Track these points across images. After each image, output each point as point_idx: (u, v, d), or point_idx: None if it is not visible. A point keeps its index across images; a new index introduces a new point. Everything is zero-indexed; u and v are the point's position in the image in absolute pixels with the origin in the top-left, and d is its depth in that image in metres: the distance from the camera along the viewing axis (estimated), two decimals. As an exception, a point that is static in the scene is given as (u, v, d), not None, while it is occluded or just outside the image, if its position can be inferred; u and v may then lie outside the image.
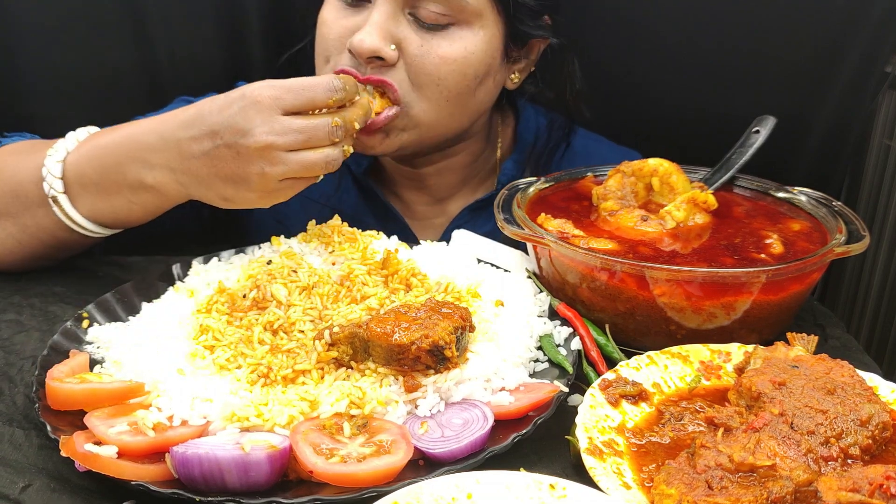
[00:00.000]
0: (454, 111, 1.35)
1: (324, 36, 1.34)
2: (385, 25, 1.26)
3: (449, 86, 1.31)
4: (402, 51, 1.28)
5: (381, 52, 1.26)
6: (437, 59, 1.28)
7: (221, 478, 0.82)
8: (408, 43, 1.28)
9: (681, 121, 1.74)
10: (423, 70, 1.29)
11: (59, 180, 1.17)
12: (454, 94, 1.33)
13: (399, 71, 1.29)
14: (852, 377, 0.92)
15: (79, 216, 1.19)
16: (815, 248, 1.16)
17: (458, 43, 1.29)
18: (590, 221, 1.28)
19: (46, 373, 0.96)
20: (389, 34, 1.27)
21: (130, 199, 1.16)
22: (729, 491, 0.77)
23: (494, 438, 0.90)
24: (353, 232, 1.21)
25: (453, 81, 1.31)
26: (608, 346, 1.11)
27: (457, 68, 1.30)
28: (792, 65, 1.67)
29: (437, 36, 1.29)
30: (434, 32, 1.28)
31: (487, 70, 1.35)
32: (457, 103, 1.34)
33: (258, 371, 0.96)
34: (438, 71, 1.29)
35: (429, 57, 1.28)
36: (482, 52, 1.32)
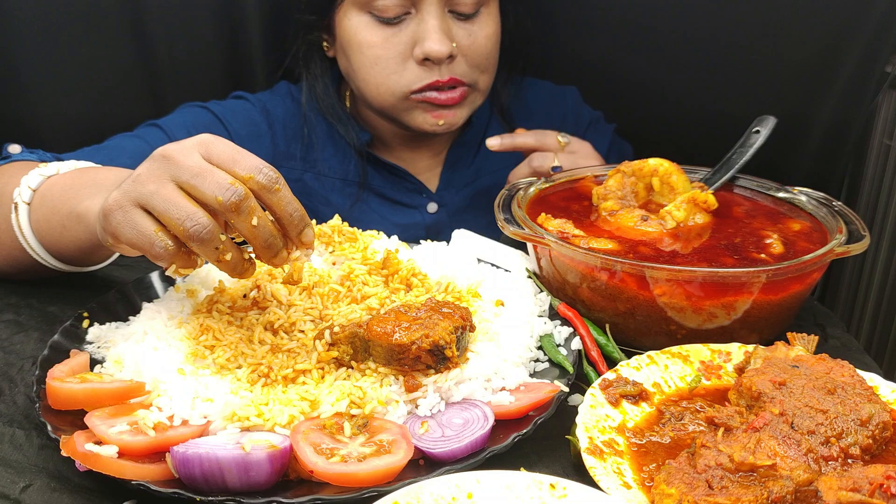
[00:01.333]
0: (496, 71, 1.63)
1: (380, 56, 1.50)
2: (443, 28, 1.47)
3: (495, 55, 1.59)
4: (457, 45, 1.50)
5: (453, 52, 1.48)
6: (483, 41, 1.53)
7: (222, 477, 0.82)
8: (459, 37, 1.51)
9: (681, 121, 1.75)
10: (478, 53, 1.53)
11: (30, 191, 1.16)
12: (497, 60, 1.60)
13: (459, 62, 1.52)
14: (852, 377, 0.92)
15: (27, 226, 1.17)
16: (815, 248, 1.16)
17: (489, 20, 1.54)
18: (590, 221, 1.28)
19: (47, 372, 0.96)
20: (448, 34, 1.48)
21: (64, 223, 1.12)
22: (729, 491, 0.77)
23: (495, 438, 0.90)
24: (354, 232, 1.21)
25: (495, 51, 1.58)
26: (608, 346, 1.11)
27: (495, 40, 1.57)
28: (792, 65, 1.67)
29: (475, 23, 1.52)
30: (472, 20, 1.52)
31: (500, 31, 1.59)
32: (496, 66, 1.61)
33: (258, 371, 0.96)
34: (487, 49, 1.55)
35: (478, 42, 1.52)
36: (498, 19, 1.57)
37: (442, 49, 1.45)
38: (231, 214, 0.91)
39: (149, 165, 0.93)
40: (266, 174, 0.92)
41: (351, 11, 1.50)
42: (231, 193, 0.90)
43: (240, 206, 0.90)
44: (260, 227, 0.93)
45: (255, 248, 0.96)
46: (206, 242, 0.90)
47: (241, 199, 0.90)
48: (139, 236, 0.92)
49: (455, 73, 1.51)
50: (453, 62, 1.50)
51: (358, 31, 1.50)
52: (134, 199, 0.92)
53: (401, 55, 1.49)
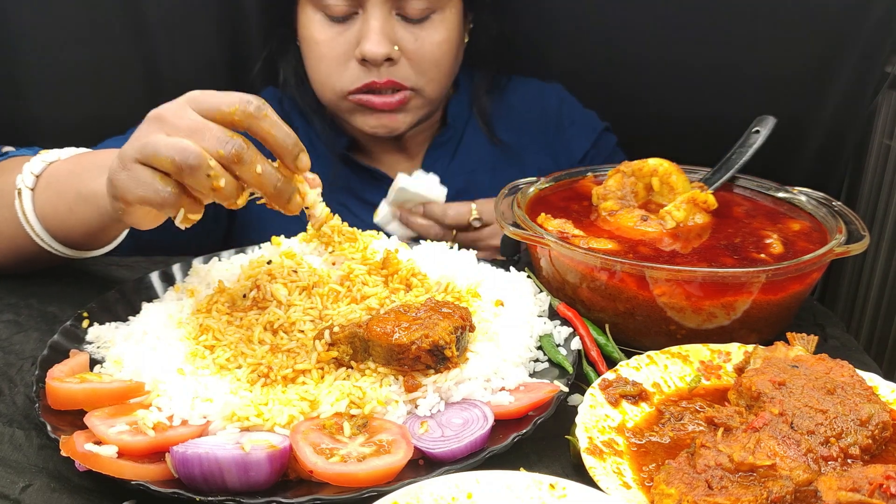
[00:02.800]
0: (451, 79, 1.61)
1: (324, 55, 1.50)
2: (385, 30, 1.45)
3: (447, 62, 1.55)
4: (401, 48, 1.48)
5: (391, 54, 1.46)
6: (431, 46, 1.50)
7: (221, 477, 0.82)
8: (405, 41, 1.48)
9: (681, 121, 1.75)
10: (424, 58, 1.50)
11: (33, 176, 1.17)
12: (450, 68, 1.57)
13: (403, 66, 1.49)
14: (852, 377, 0.92)
15: (31, 212, 1.17)
16: (815, 248, 1.16)
17: (441, 26, 1.50)
18: (590, 221, 1.28)
19: (46, 373, 0.96)
20: (390, 36, 1.45)
21: (71, 206, 1.14)
22: (729, 491, 0.77)
23: (494, 438, 0.90)
24: (353, 232, 1.20)
25: (448, 58, 1.55)
26: (608, 346, 1.11)
27: (447, 47, 1.53)
28: (792, 65, 1.67)
29: (424, 28, 1.49)
30: (421, 24, 1.49)
31: (460, 38, 1.58)
32: (449, 74, 1.59)
33: (258, 371, 0.96)
34: (435, 56, 1.51)
35: (425, 47, 1.49)
36: (456, 26, 1.54)
37: (377, 50, 1.43)
38: (235, 166, 0.93)
39: (145, 127, 0.96)
40: (252, 103, 0.94)
41: (307, 7, 1.50)
42: (231, 145, 0.92)
43: (241, 155, 0.93)
44: (266, 174, 0.95)
45: (266, 197, 0.98)
46: (195, 169, 0.91)
47: (241, 149, 0.93)
48: (142, 187, 0.94)
49: (395, 77, 1.49)
50: (395, 65, 1.48)
51: (309, 28, 1.50)
52: (132, 157, 0.94)
53: (344, 55, 1.48)
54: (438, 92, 1.57)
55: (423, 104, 1.56)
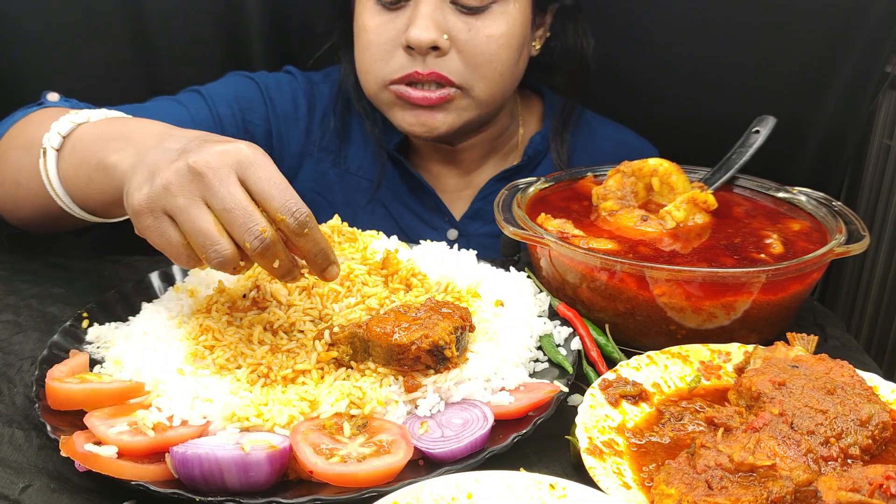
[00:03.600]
0: (506, 83, 1.46)
1: (371, 42, 1.42)
2: (434, 16, 1.35)
3: (502, 61, 1.41)
4: (452, 38, 1.37)
5: (438, 42, 1.35)
6: (485, 39, 1.38)
7: (221, 478, 0.82)
8: (456, 30, 1.37)
9: (681, 121, 1.75)
10: (476, 51, 1.38)
11: (60, 137, 1.13)
12: (506, 68, 1.43)
13: (452, 58, 1.39)
14: (852, 377, 0.92)
15: (54, 174, 1.13)
16: (815, 248, 1.16)
17: (501, 19, 1.39)
18: (590, 221, 1.28)
19: (46, 373, 0.96)
20: (440, 24, 1.36)
21: (90, 174, 1.09)
22: (729, 491, 0.77)
23: (494, 438, 0.90)
24: (353, 232, 1.20)
25: (504, 56, 1.41)
26: (608, 346, 1.11)
27: (504, 42, 1.40)
28: (792, 65, 1.67)
29: (480, 17, 1.38)
30: (477, 15, 1.38)
31: (524, 39, 1.45)
32: (509, 76, 1.45)
33: (258, 371, 0.96)
34: (489, 49, 1.39)
35: (478, 38, 1.38)
36: (520, 23, 1.42)
37: (423, 35, 1.33)
38: (255, 257, 0.92)
39: (182, 176, 0.90)
40: (297, 219, 0.91)
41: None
42: (259, 244, 0.90)
43: (265, 253, 0.91)
44: (280, 267, 0.94)
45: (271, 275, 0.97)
46: (223, 266, 0.91)
47: (266, 247, 0.91)
48: (166, 245, 0.93)
49: (441, 69, 1.38)
50: (443, 56, 1.37)
51: (361, 15, 1.43)
52: (163, 208, 0.92)
53: (391, 42, 1.39)
54: (490, 94, 1.43)
55: (469, 106, 1.43)
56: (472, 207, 1.61)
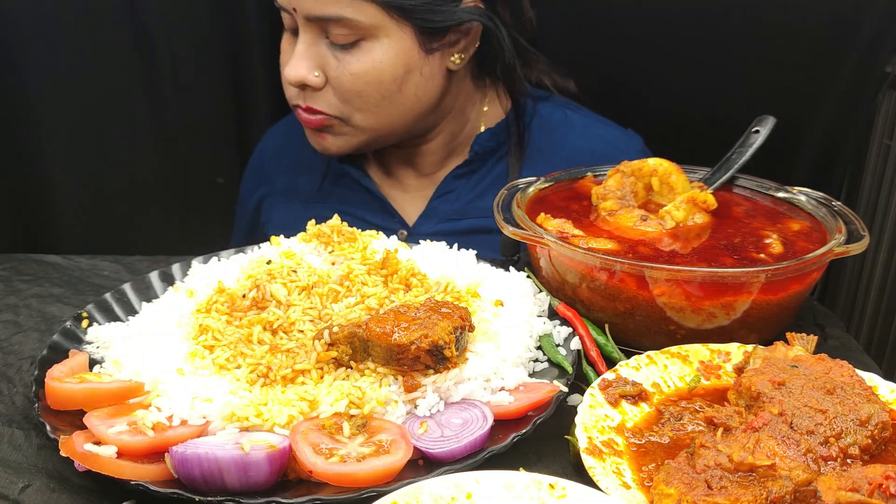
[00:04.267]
0: (390, 111, 1.44)
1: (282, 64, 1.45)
2: (307, 54, 1.38)
3: (370, 95, 1.41)
4: (325, 73, 1.40)
5: (307, 80, 1.39)
6: (350, 77, 1.39)
7: (221, 478, 0.82)
8: (329, 67, 1.39)
9: (681, 121, 1.75)
10: (343, 87, 1.40)
11: None
12: (379, 100, 1.42)
13: (327, 93, 1.41)
14: (852, 377, 0.92)
15: None
16: (814, 248, 1.16)
17: (367, 56, 1.38)
18: (589, 221, 1.28)
19: (46, 373, 0.96)
20: (313, 61, 1.39)
21: None
22: (728, 491, 0.77)
23: (494, 438, 0.90)
24: (353, 232, 1.21)
25: (372, 91, 1.40)
26: (608, 346, 1.11)
27: (370, 79, 1.39)
28: (792, 65, 1.67)
29: (349, 53, 1.38)
30: (347, 50, 1.38)
31: (406, 69, 1.41)
32: (388, 105, 1.43)
33: (258, 371, 0.96)
34: (354, 86, 1.39)
35: (344, 76, 1.39)
36: (392, 57, 1.39)
37: (290, 73, 1.38)
38: None
39: None
40: None
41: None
42: None
43: None
44: None
45: None
46: None
47: None
48: None
49: (315, 104, 1.41)
50: (319, 92, 1.41)
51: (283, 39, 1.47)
52: None
53: None
54: (372, 122, 1.44)
55: (353, 132, 1.45)
56: (429, 206, 1.62)
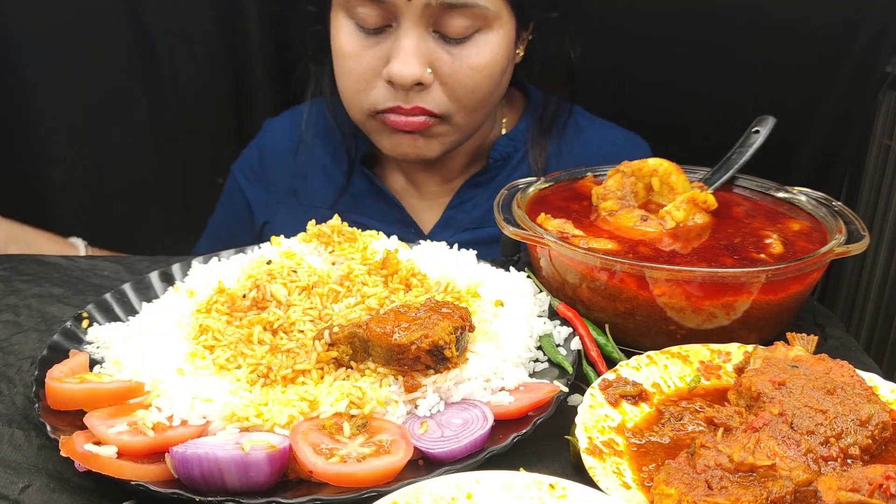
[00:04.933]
0: (486, 108, 1.44)
1: (352, 70, 1.37)
2: (418, 50, 1.30)
3: (483, 90, 1.38)
4: (435, 71, 1.33)
5: (422, 78, 1.31)
6: (469, 71, 1.34)
7: (221, 478, 0.82)
8: (440, 62, 1.33)
9: (681, 121, 1.75)
10: (459, 84, 1.35)
11: None
12: (488, 95, 1.40)
13: (435, 91, 1.35)
14: (852, 377, 0.92)
15: None
16: (814, 248, 1.16)
17: (485, 48, 1.34)
18: (590, 221, 1.28)
19: (46, 373, 0.96)
20: (424, 58, 1.31)
21: None
22: (728, 491, 0.77)
23: (494, 438, 0.90)
24: (353, 232, 1.21)
25: (486, 85, 1.37)
26: (608, 346, 1.11)
27: (488, 73, 1.36)
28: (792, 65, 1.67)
29: (464, 47, 1.33)
30: (461, 45, 1.33)
31: (508, 61, 1.41)
32: (489, 101, 1.42)
33: (258, 371, 0.96)
34: (472, 81, 1.35)
35: (461, 71, 1.33)
36: (504, 48, 1.38)
37: (405, 72, 1.29)
38: None
39: None
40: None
41: (339, 13, 1.37)
42: None
43: None
44: None
45: None
46: None
47: None
48: None
49: (425, 104, 1.34)
50: (427, 90, 1.34)
51: (339, 36, 1.37)
52: None
53: (372, 71, 1.35)
54: (469, 121, 1.41)
55: (449, 131, 1.41)
56: (444, 215, 1.58)
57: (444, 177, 1.60)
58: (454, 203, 1.58)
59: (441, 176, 1.60)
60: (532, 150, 1.57)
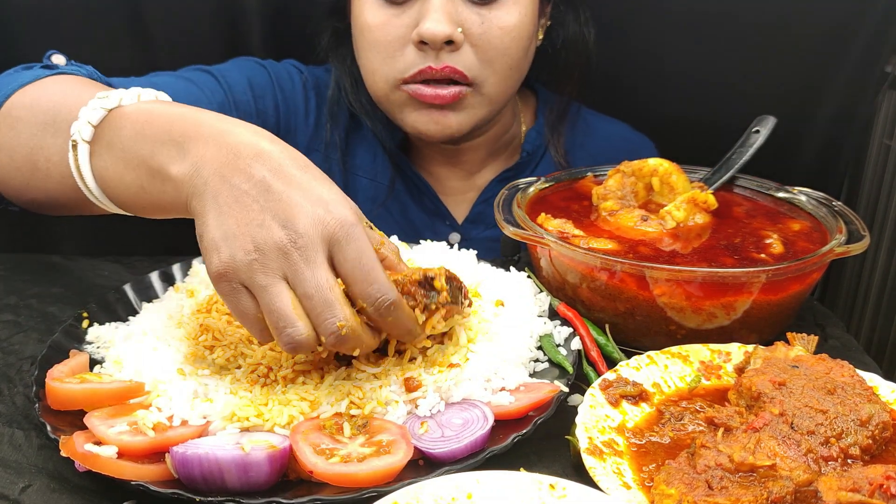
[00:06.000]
0: (515, 77, 1.42)
1: (377, 40, 1.36)
2: (447, 8, 1.30)
3: (513, 54, 1.37)
4: (465, 32, 1.33)
5: (453, 35, 1.30)
6: (499, 32, 1.33)
7: (221, 478, 0.82)
8: (469, 23, 1.32)
9: (681, 121, 1.75)
10: (490, 45, 1.34)
11: (91, 127, 0.97)
12: (517, 61, 1.39)
13: (466, 52, 1.34)
14: (852, 377, 0.92)
15: (88, 171, 0.98)
16: (815, 248, 1.16)
17: (514, 9, 1.35)
18: (590, 221, 1.28)
19: (46, 373, 0.96)
20: (453, 17, 1.31)
21: (144, 183, 0.94)
22: (729, 491, 0.77)
23: (494, 438, 0.90)
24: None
25: (515, 48, 1.37)
26: (608, 346, 1.11)
27: (517, 34, 1.36)
28: (792, 65, 1.67)
29: (493, 9, 1.33)
30: (489, 6, 1.33)
31: (533, 29, 1.41)
32: (518, 69, 1.41)
33: (258, 371, 0.96)
34: (503, 43, 1.35)
35: (492, 31, 1.33)
36: (531, 14, 1.38)
37: (437, 29, 1.28)
38: (329, 347, 0.87)
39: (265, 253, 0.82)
40: (378, 308, 0.86)
41: None
42: (334, 339, 0.85)
43: (340, 345, 0.87)
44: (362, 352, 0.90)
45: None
46: (296, 350, 0.85)
47: (342, 341, 0.85)
48: (240, 316, 0.87)
49: (456, 63, 1.33)
50: (457, 51, 1.33)
51: (363, 12, 1.36)
52: (242, 280, 0.84)
53: (400, 39, 1.34)
54: (500, 89, 1.39)
55: (480, 103, 1.39)
56: (474, 211, 1.58)
57: (465, 171, 1.59)
58: (482, 198, 1.56)
59: (463, 171, 1.59)
60: (552, 144, 1.58)
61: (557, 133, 1.58)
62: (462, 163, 1.58)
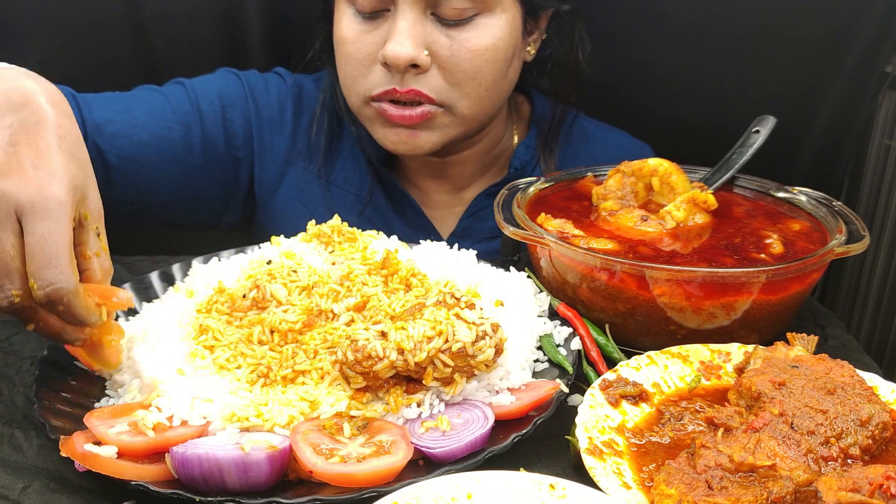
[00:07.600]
0: (493, 98, 1.38)
1: (350, 55, 1.34)
2: (414, 31, 1.27)
3: (485, 76, 1.33)
4: (432, 54, 1.29)
5: (417, 59, 1.27)
6: (469, 55, 1.30)
7: (221, 478, 0.82)
8: (438, 45, 1.29)
9: (681, 121, 1.75)
10: (458, 68, 1.30)
11: None
12: (492, 83, 1.35)
13: (433, 75, 1.31)
14: (852, 377, 0.92)
15: None
16: (815, 248, 1.16)
17: (486, 32, 1.30)
18: (590, 221, 1.28)
19: (45, 373, 0.96)
20: (420, 39, 1.27)
21: None
22: (729, 491, 0.77)
23: (494, 438, 0.90)
24: (353, 232, 1.20)
25: (489, 71, 1.33)
26: (608, 346, 1.11)
27: (489, 57, 1.31)
28: (792, 65, 1.67)
29: (463, 30, 1.29)
30: (460, 27, 1.29)
31: (514, 51, 1.36)
32: (495, 90, 1.37)
33: (258, 371, 0.96)
34: (472, 65, 1.31)
35: (461, 54, 1.29)
36: (508, 33, 1.33)
37: (399, 52, 1.25)
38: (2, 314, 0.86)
39: None
40: (46, 292, 0.83)
41: (340, 1, 1.35)
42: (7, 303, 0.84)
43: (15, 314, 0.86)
44: (38, 330, 0.89)
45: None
46: None
47: (16, 310, 0.85)
48: None
49: (421, 87, 1.30)
50: (423, 74, 1.30)
51: (340, 24, 1.34)
52: None
53: (369, 56, 1.31)
54: (475, 111, 1.36)
55: (453, 123, 1.36)
56: (461, 225, 1.55)
57: (454, 185, 1.56)
58: (470, 212, 1.54)
59: (451, 185, 1.56)
60: (543, 158, 1.54)
61: (549, 149, 1.54)
62: (449, 176, 1.55)
